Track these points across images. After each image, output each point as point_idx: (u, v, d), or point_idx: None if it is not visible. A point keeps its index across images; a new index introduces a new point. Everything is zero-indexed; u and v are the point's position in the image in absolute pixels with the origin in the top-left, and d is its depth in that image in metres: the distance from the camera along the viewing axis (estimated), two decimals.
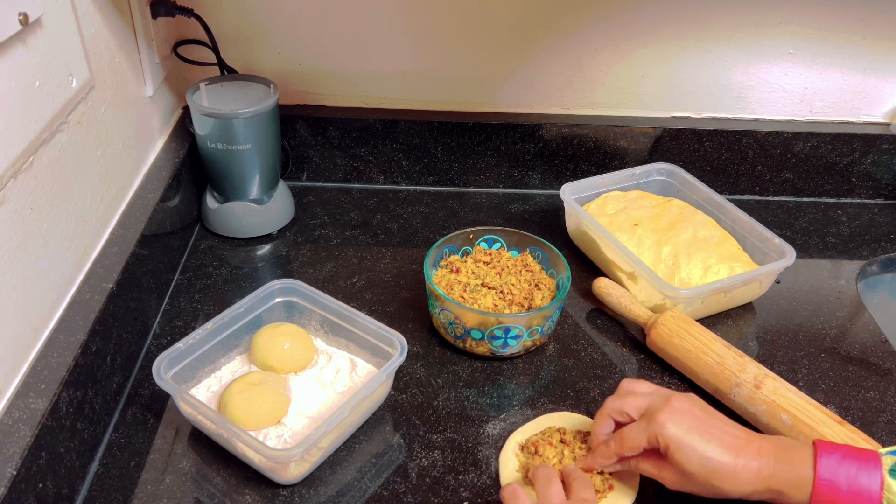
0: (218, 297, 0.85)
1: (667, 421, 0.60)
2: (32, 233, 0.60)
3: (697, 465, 0.58)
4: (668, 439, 0.59)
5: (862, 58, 1.02)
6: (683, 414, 0.61)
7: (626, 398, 0.64)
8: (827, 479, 0.55)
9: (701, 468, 0.58)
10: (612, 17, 0.97)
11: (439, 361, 0.79)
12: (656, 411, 0.61)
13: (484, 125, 1.02)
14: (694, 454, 0.59)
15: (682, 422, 0.60)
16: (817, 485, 0.55)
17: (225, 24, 0.95)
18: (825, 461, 0.56)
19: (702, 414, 0.61)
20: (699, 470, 0.58)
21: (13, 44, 0.57)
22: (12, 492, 0.51)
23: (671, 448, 0.59)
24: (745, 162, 1.07)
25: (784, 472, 0.57)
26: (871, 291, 0.99)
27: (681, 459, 0.59)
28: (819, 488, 0.55)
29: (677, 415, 0.61)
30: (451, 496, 0.65)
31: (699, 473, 0.58)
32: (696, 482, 0.59)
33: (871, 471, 0.54)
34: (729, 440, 0.59)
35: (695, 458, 0.59)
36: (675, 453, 0.59)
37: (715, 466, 0.58)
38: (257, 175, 0.92)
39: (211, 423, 0.64)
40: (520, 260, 0.84)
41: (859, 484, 0.54)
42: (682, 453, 0.59)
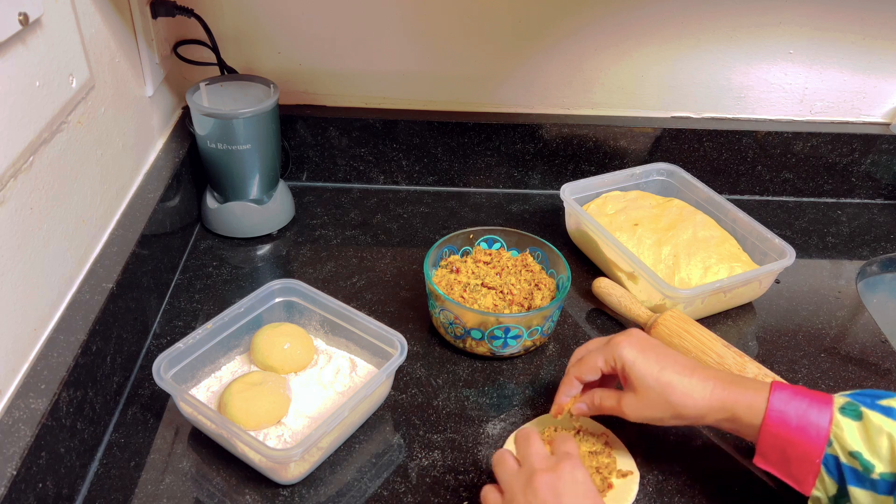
0: (218, 297, 0.85)
1: (623, 342, 0.63)
2: (32, 233, 0.60)
3: (652, 380, 0.61)
4: (623, 359, 0.62)
5: (862, 58, 1.02)
6: (639, 338, 0.64)
7: (582, 359, 0.66)
8: (778, 410, 0.56)
9: (656, 383, 0.61)
10: (612, 17, 0.97)
11: (439, 361, 0.79)
12: (615, 337, 0.65)
13: (484, 125, 1.02)
14: (648, 370, 0.61)
15: (636, 344, 0.63)
16: (768, 414, 0.57)
17: (225, 24, 0.95)
18: (778, 394, 0.57)
19: (656, 343, 0.64)
20: (654, 385, 0.61)
21: (13, 44, 0.56)
22: (12, 492, 0.51)
23: (626, 366, 0.62)
24: (745, 162, 1.07)
25: (738, 395, 0.59)
26: (870, 291, 0.99)
27: (636, 376, 0.62)
28: (769, 418, 0.56)
29: (633, 338, 0.64)
30: (451, 496, 0.65)
31: (654, 389, 0.61)
32: (653, 402, 0.61)
33: (822, 407, 0.56)
34: (683, 361, 0.62)
35: (649, 375, 0.61)
36: (631, 371, 0.62)
37: (669, 380, 0.60)
38: (257, 175, 0.92)
39: (211, 423, 0.64)
40: (520, 260, 0.84)
41: (808, 418, 0.56)
42: (637, 370, 0.62)
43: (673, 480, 0.67)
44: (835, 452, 0.55)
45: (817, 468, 0.55)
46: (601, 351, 0.65)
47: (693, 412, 0.60)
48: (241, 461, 0.66)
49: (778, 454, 0.57)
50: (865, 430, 0.54)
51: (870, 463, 0.53)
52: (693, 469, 0.68)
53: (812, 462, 0.55)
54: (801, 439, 0.55)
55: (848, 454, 0.54)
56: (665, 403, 0.61)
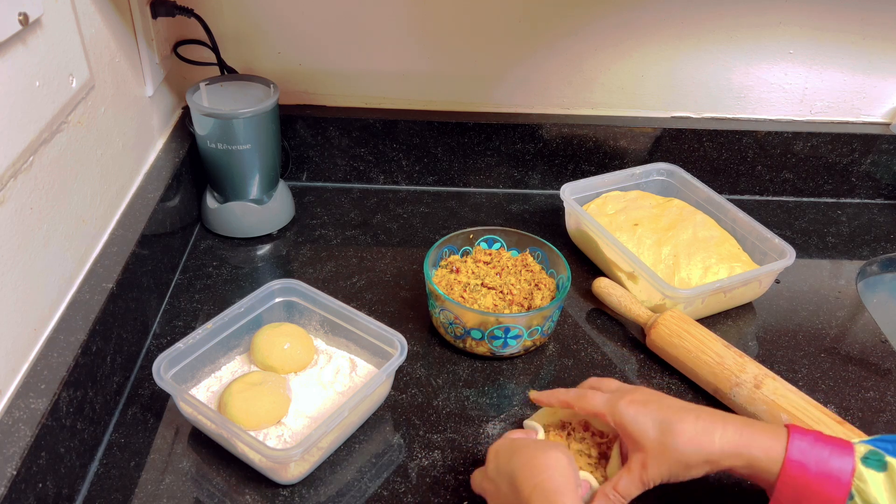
0: (218, 297, 0.85)
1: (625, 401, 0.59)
2: (32, 233, 0.60)
3: (652, 430, 0.57)
4: (621, 415, 0.58)
5: (862, 58, 1.02)
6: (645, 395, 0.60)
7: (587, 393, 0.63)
8: (796, 460, 0.53)
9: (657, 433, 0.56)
10: (612, 17, 0.97)
11: (439, 361, 0.79)
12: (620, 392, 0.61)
13: (484, 125, 1.02)
14: (648, 421, 0.57)
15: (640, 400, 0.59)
16: (786, 464, 0.53)
17: (225, 24, 0.95)
18: (797, 442, 0.54)
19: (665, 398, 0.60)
20: (655, 435, 0.56)
21: (13, 44, 0.56)
22: (12, 492, 0.51)
23: (626, 423, 0.58)
24: (745, 162, 1.07)
25: (752, 438, 0.55)
26: (870, 291, 0.99)
27: (635, 429, 0.57)
28: (788, 467, 0.53)
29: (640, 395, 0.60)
30: (451, 496, 0.65)
31: (656, 440, 0.56)
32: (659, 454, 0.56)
33: (843, 456, 0.53)
34: (689, 408, 0.58)
35: (650, 425, 0.57)
36: (630, 426, 0.57)
37: (670, 426, 0.56)
38: (257, 175, 0.92)
39: (211, 423, 0.64)
40: (520, 260, 0.84)
41: (829, 467, 0.52)
42: (636, 423, 0.57)
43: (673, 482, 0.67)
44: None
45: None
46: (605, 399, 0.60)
47: (703, 457, 0.55)
48: (241, 461, 0.66)
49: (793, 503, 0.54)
50: (891, 482, 0.51)
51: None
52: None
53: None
54: (820, 491, 0.52)
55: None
56: (672, 452, 0.56)
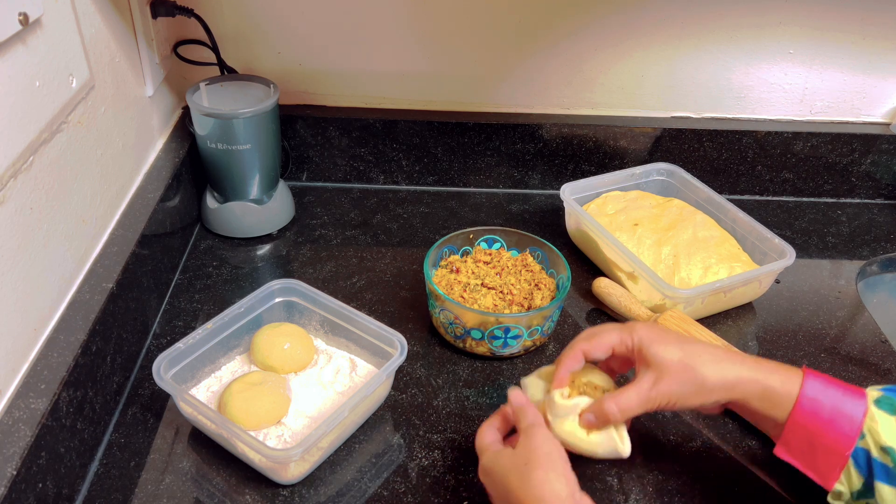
0: (218, 297, 0.85)
1: (641, 326, 0.59)
2: (32, 233, 0.60)
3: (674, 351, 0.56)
4: (641, 338, 0.57)
5: (862, 58, 1.02)
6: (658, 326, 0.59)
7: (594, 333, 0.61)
8: (810, 397, 0.53)
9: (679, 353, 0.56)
10: (612, 17, 0.97)
11: (439, 361, 0.79)
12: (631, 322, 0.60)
13: (484, 125, 1.02)
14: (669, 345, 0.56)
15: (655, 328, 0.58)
16: (800, 401, 0.53)
17: (225, 24, 0.95)
18: (811, 381, 0.54)
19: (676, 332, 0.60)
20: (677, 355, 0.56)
21: (13, 44, 0.56)
22: (12, 492, 0.51)
23: (644, 345, 0.57)
24: (745, 162, 1.07)
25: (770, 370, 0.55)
26: (870, 291, 0.99)
27: (657, 351, 0.56)
28: (801, 405, 0.53)
29: (652, 325, 0.59)
30: (451, 496, 0.65)
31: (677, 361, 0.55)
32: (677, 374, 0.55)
33: (856, 399, 0.53)
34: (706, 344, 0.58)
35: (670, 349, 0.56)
36: (649, 348, 0.56)
37: (694, 349, 0.56)
38: (257, 175, 0.92)
39: (211, 423, 0.64)
40: (520, 260, 0.84)
41: (842, 408, 0.53)
42: (657, 346, 0.56)
43: (673, 480, 0.67)
44: (866, 446, 0.52)
45: (845, 461, 0.53)
46: (616, 330, 0.59)
47: (721, 380, 0.55)
48: (241, 461, 0.66)
49: (804, 444, 0.54)
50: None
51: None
52: (693, 469, 0.68)
53: (841, 455, 0.52)
54: (831, 430, 0.52)
55: (880, 449, 0.52)
56: (690, 373, 0.55)
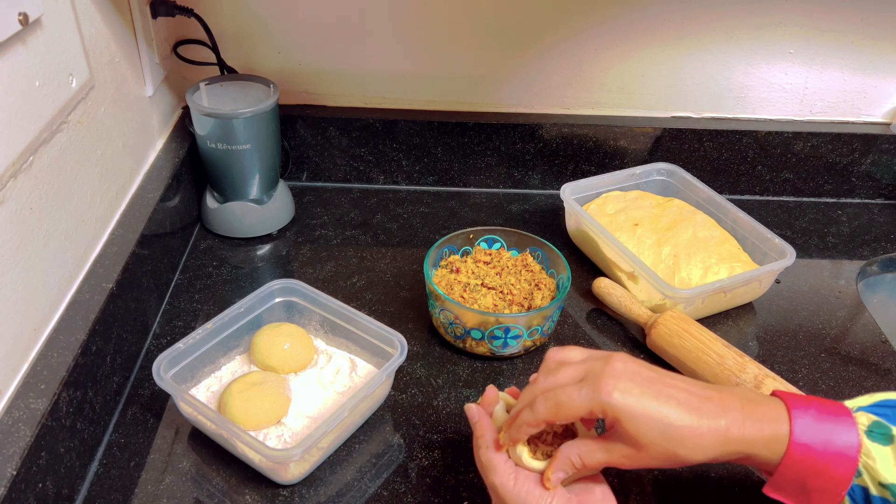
0: (218, 297, 0.85)
1: (613, 389, 0.50)
2: (32, 233, 0.60)
3: (656, 434, 0.50)
4: (617, 410, 0.50)
5: (862, 58, 1.02)
6: (631, 376, 0.52)
7: (558, 372, 0.55)
8: (802, 443, 0.49)
9: (660, 437, 0.50)
10: (613, 17, 0.97)
11: (439, 361, 0.79)
12: (599, 377, 0.51)
13: (484, 125, 1.02)
14: (650, 422, 0.50)
15: (631, 388, 0.51)
16: (791, 448, 0.49)
17: (225, 23, 0.95)
18: (800, 422, 0.50)
19: (649, 373, 0.53)
20: (658, 440, 0.50)
21: (13, 44, 0.56)
22: (12, 492, 0.51)
23: (622, 420, 0.50)
24: (745, 162, 1.07)
25: (755, 432, 0.50)
26: (871, 291, 0.99)
27: (636, 431, 0.50)
28: (793, 451, 0.49)
29: (624, 379, 0.51)
30: (451, 496, 0.65)
31: (658, 444, 0.50)
32: (655, 454, 0.51)
33: (848, 430, 0.49)
34: (687, 398, 0.51)
35: (652, 427, 0.50)
36: (629, 425, 0.50)
37: (676, 433, 0.50)
38: (257, 175, 0.92)
39: (211, 423, 0.64)
40: (520, 260, 0.84)
41: (835, 446, 0.49)
42: (637, 423, 0.50)
43: (673, 480, 0.67)
44: (863, 484, 0.49)
45: (841, 499, 0.49)
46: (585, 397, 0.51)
47: (703, 459, 0.51)
48: (241, 461, 0.66)
49: (797, 486, 0.50)
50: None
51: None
52: (693, 469, 0.68)
53: (837, 494, 0.49)
54: (826, 471, 0.49)
55: (879, 485, 0.49)
56: (670, 455, 0.50)
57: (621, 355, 0.54)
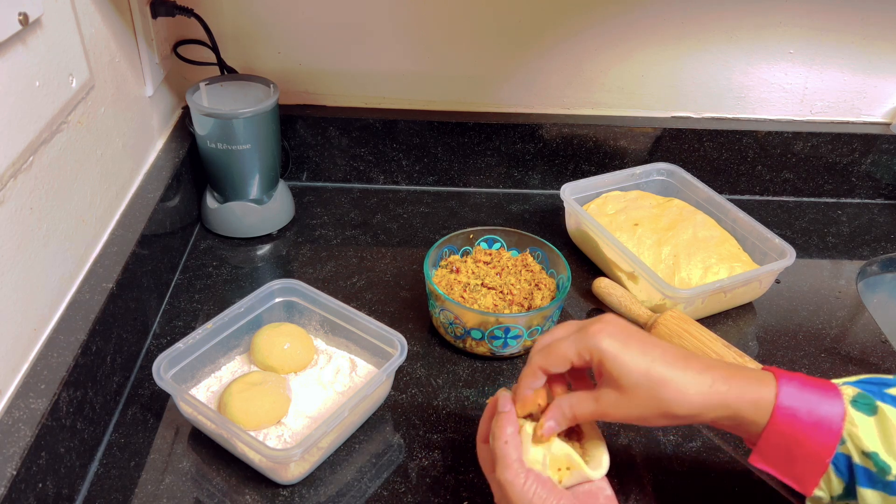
0: (218, 297, 0.85)
1: (600, 332, 0.53)
2: (32, 233, 0.60)
3: (638, 374, 0.52)
4: (602, 351, 0.52)
5: (862, 58, 1.02)
6: (618, 326, 0.54)
7: (550, 347, 0.56)
8: (787, 407, 0.50)
9: (643, 378, 0.51)
10: (613, 17, 0.97)
11: (439, 361, 0.79)
12: (590, 325, 0.54)
13: (484, 125, 1.02)
14: (633, 363, 0.52)
15: (617, 334, 0.53)
16: (776, 412, 0.50)
17: (225, 23, 0.95)
18: (786, 388, 0.51)
19: (639, 332, 0.55)
20: (641, 380, 0.51)
21: (13, 44, 0.56)
22: (12, 492, 0.51)
23: (606, 361, 0.52)
24: (745, 162, 1.07)
25: (741, 390, 0.51)
26: (871, 291, 0.99)
27: (619, 372, 0.52)
28: (778, 416, 0.50)
29: (612, 327, 0.54)
30: (451, 496, 0.65)
31: (642, 386, 0.51)
32: (640, 399, 0.52)
33: (833, 400, 0.50)
34: (672, 351, 0.53)
35: (635, 368, 0.52)
36: (612, 365, 0.52)
37: (661, 374, 0.51)
38: (257, 175, 0.92)
39: (211, 423, 0.64)
40: (520, 260, 0.84)
41: (819, 413, 0.50)
42: (620, 364, 0.52)
43: (673, 480, 0.67)
44: (847, 451, 0.50)
45: (825, 468, 0.50)
46: (573, 340, 0.54)
47: (687, 410, 0.52)
48: (241, 461, 0.66)
49: (781, 453, 0.51)
50: (882, 428, 0.49)
51: (886, 464, 0.49)
52: (693, 469, 0.68)
53: (821, 462, 0.50)
54: (811, 438, 0.50)
55: (862, 454, 0.50)
56: (654, 401, 0.52)
57: (613, 316, 0.56)
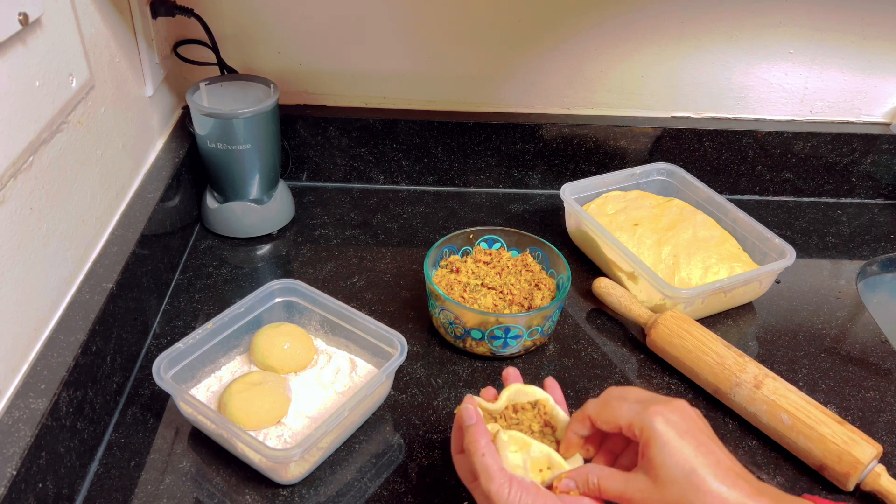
0: (218, 297, 0.85)
1: (660, 413, 0.50)
2: (32, 233, 0.60)
3: (680, 472, 0.48)
4: (653, 433, 0.49)
5: (862, 58, 1.02)
6: (682, 415, 0.51)
7: (608, 403, 0.54)
8: None
9: (684, 477, 0.48)
10: (613, 18, 0.97)
11: (439, 361, 0.79)
12: (655, 402, 0.52)
13: (484, 125, 1.02)
14: (679, 457, 0.48)
15: (677, 422, 0.50)
16: None
17: (225, 23, 0.95)
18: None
19: (706, 429, 0.51)
20: (680, 479, 0.48)
21: (13, 44, 0.57)
22: (12, 492, 0.51)
23: (652, 444, 0.49)
24: (745, 162, 1.07)
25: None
26: (871, 291, 0.99)
27: (661, 461, 0.49)
28: None
29: (675, 414, 0.50)
30: (451, 496, 0.65)
31: (679, 484, 0.48)
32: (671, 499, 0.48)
33: None
34: (728, 464, 0.49)
35: (678, 464, 0.48)
36: (656, 451, 0.49)
37: (702, 481, 0.47)
38: (257, 175, 0.92)
39: (211, 423, 0.64)
40: (520, 260, 0.84)
41: None
42: (666, 454, 0.49)
43: None
44: None
45: None
46: (632, 408, 0.51)
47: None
48: (241, 461, 0.66)
49: None
50: None
51: None
52: None
53: None
54: None
55: None
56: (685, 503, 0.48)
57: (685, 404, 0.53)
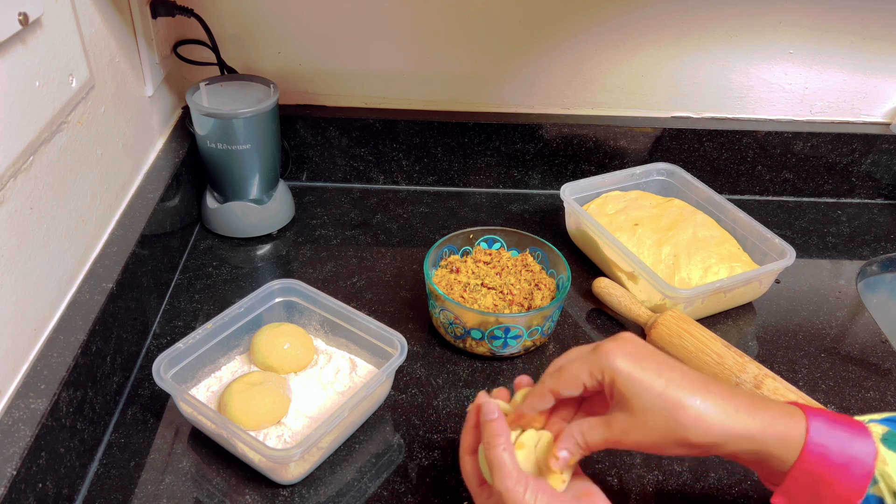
0: (218, 297, 0.85)
1: (613, 350, 0.49)
2: (32, 233, 0.60)
3: (653, 396, 0.47)
4: (615, 370, 0.48)
5: (862, 58, 1.02)
6: (633, 344, 0.50)
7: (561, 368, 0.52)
8: (818, 443, 0.46)
9: (658, 400, 0.47)
10: (613, 18, 0.97)
11: (439, 361, 0.79)
12: (604, 344, 0.51)
13: (484, 125, 1.02)
14: (648, 383, 0.47)
15: (632, 352, 0.49)
16: (806, 449, 0.46)
17: (225, 23, 0.95)
18: (816, 424, 0.47)
19: (655, 351, 0.51)
20: (656, 403, 0.47)
21: (13, 44, 0.56)
22: (12, 492, 0.51)
23: (618, 380, 0.48)
24: (745, 162, 1.07)
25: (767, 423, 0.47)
26: (871, 291, 0.99)
27: (632, 392, 0.48)
28: (808, 453, 0.47)
29: (627, 344, 0.50)
30: (451, 496, 0.65)
31: (656, 409, 0.47)
32: (655, 424, 0.47)
33: (864, 438, 0.47)
34: (691, 375, 0.48)
35: (649, 389, 0.47)
36: (624, 385, 0.48)
37: (676, 398, 0.47)
38: (257, 175, 0.92)
39: (211, 423, 0.64)
40: (520, 260, 0.84)
41: (851, 451, 0.46)
42: (633, 384, 0.48)
43: (673, 480, 0.67)
44: (879, 493, 0.47)
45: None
46: (585, 360, 0.51)
47: (706, 439, 0.47)
48: (241, 461, 0.66)
49: (808, 494, 0.47)
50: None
51: None
52: (693, 469, 0.68)
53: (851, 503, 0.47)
54: (841, 478, 0.46)
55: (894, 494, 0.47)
56: (670, 426, 0.47)
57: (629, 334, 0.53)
